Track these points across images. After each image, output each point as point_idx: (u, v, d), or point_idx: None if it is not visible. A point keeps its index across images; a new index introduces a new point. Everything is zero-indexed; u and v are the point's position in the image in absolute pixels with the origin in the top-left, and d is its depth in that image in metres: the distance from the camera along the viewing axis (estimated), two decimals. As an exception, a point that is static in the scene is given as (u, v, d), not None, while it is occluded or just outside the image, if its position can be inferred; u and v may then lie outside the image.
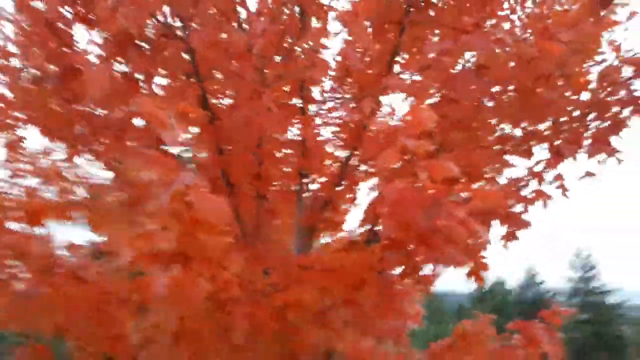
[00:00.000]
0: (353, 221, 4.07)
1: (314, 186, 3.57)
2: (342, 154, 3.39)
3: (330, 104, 3.04)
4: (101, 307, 2.40)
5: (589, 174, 2.65)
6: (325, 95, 3.02)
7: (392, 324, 2.82)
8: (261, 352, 2.53)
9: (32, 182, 3.98)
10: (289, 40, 2.20)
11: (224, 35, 2.07)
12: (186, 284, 1.53)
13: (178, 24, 2.10)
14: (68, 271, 2.47)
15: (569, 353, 55.38)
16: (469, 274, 2.89)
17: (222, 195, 2.62)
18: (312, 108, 2.97)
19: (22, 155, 3.62)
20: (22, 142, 3.55)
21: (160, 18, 2.01)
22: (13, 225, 3.00)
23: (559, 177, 2.69)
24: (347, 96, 3.02)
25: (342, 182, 3.42)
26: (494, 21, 2.88)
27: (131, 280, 1.87)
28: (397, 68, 3.17)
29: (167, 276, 1.43)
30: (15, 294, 2.81)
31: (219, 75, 2.27)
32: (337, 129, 3.15)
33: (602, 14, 2.65)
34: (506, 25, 2.91)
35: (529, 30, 2.71)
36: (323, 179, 3.59)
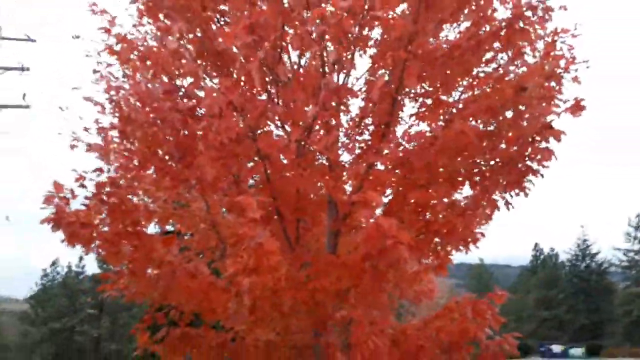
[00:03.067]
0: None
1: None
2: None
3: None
4: (207, 292, 4.08)
5: (507, 204, 4.04)
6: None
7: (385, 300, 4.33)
8: (301, 319, 4.14)
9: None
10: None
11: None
12: (259, 283, 3.10)
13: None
14: (186, 269, 4.16)
15: (622, 327, 53.65)
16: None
17: (274, 221, 4.21)
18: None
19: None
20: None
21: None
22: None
23: (491, 203, 4.06)
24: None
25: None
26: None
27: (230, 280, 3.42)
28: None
29: (250, 280, 3.01)
30: (148, 279, 4.55)
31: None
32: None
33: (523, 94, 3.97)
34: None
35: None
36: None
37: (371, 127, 5.06)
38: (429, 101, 5.19)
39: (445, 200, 4.13)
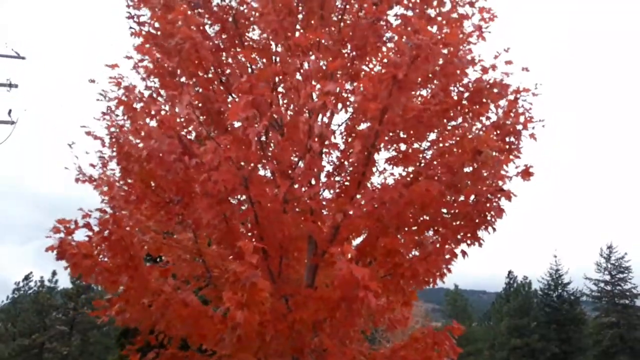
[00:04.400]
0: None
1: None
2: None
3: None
4: (197, 319, 4.55)
5: (463, 253, 4.66)
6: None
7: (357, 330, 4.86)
8: (280, 346, 4.63)
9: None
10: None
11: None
12: (249, 316, 3.60)
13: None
14: (179, 299, 4.64)
15: (592, 356, 54.42)
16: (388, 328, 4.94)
17: (261, 259, 4.73)
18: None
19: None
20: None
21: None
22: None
23: (450, 251, 4.67)
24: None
25: (334, 239, 5.47)
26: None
27: (225, 316, 3.92)
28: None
29: (242, 313, 3.51)
30: (142, 306, 4.99)
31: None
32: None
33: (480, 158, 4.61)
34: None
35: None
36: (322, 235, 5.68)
37: (349, 169, 5.68)
38: (402, 146, 5.84)
39: (412, 244, 4.72)
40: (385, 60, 4.57)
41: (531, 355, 59.21)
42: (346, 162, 5.70)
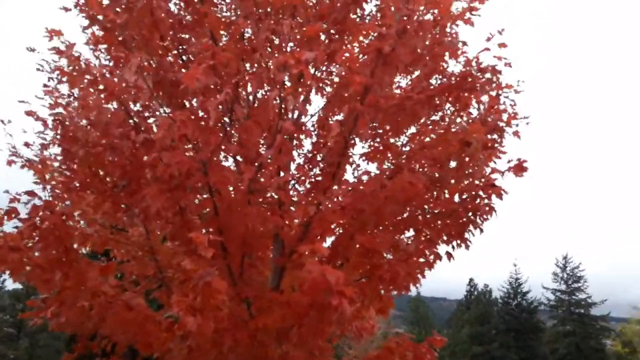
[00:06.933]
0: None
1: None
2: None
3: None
4: (143, 325, 3.92)
5: (449, 256, 4.21)
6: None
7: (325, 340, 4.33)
8: (241, 357, 4.05)
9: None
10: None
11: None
12: (202, 323, 3.02)
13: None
14: (122, 301, 3.99)
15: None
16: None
17: (219, 257, 4.14)
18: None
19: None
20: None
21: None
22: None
23: (435, 253, 4.21)
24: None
25: (304, 238, 4.93)
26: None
27: (175, 321, 3.33)
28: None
29: (195, 320, 2.93)
30: (79, 309, 4.32)
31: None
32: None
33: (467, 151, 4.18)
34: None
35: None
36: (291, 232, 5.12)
37: (322, 164, 5.16)
38: (378, 142, 5.37)
39: (389, 244, 4.23)
40: (366, 40, 4.09)
41: (491, 362, 60.02)
42: (319, 156, 5.19)
